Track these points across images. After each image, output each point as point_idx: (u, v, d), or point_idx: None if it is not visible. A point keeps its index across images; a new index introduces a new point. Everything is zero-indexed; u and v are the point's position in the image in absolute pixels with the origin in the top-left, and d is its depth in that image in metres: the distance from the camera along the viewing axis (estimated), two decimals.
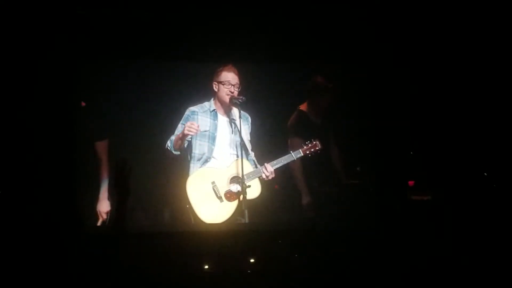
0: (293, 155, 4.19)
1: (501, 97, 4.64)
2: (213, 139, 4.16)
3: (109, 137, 4.44)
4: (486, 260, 3.69)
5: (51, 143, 4.23)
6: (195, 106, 4.20)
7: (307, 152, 4.21)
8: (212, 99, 4.23)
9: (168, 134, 4.19)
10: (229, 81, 4.11)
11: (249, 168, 4.11)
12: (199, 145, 4.14)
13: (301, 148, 4.22)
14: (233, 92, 4.09)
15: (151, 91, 4.61)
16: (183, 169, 4.17)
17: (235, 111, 4.14)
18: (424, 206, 4.58)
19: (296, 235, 4.20)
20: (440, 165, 4.71)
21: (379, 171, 4.72)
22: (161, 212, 4.60)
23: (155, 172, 4.45)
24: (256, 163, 4.19)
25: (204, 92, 4.27)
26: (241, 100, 4.04)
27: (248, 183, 3.98)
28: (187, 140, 4.10)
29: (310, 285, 3.61)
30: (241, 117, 4.04)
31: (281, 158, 4.17)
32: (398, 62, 4.68)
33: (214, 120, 4.19)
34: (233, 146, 4.19)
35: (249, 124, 4.31)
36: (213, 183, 4.06)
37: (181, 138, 4.03)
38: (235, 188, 4.06)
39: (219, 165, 4.14)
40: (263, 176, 4.10)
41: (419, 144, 4.82)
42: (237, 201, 4.05)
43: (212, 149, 4.15)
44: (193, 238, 4.02)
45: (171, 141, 4.13)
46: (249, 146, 4.22)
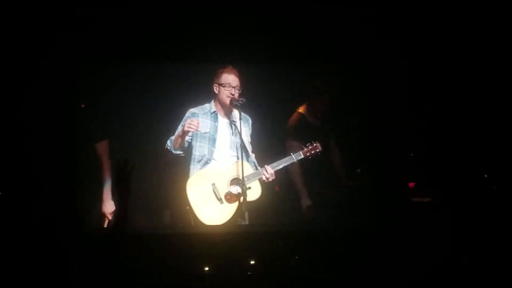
0: (294, 157, 4.18)
1: (501, 98, 4.64)
2: (213, 141, 4.15)
3: (109, 138, 4.43)
4: (486, 261, 3.69)
5: (51, 144, 4.22)
6: (196, 107, 4.20)
7: (308, 154, 4.20)
8: (212, 101, 4.22)
9: (168, 135, 4.18)
10: (229, 83, 4.10)
11: (249, 170, 4.10)
12: (199, 147, 4.13)
13: (301, 150, 4.21)
14: (233, 94, 4.08)
15: (151, 92, 4.59)
16: (183, 170, 4.16)
17: (236, 113, 4.13)
18: (424, 207, 4.58)
19: (296, 237, 4.20)
20: (440, 167, 4.71)
21: (379, 172, 4.71)
22: (161, 213, 4.58)
23: (155, 173, 4.43)
24: (256, 165, 4.18)
25: (204, 93, 4.25)
26: (241, 102, 4.04)
27: (248, 185, 3.98)
28: (187, 141, 4.09)
29: (310, 287, 3.60)
30: (241, 119, 4.04)
31: (281, 160, 4.16)
32: (398, 62, 4.67)
33: (214, 122, 4.18)
34: (234, 148, 4.18)
35: (250, 126, 4.30)
36: (213, 184, 4.05)
37: (181, 136, 4.03)
38: (235, 190, 4.05)
39: (219, 167, 4.13)
40: (264, 178, 4.10)
41: (419, 146, 4.81)
42: (237, 203, 4.04)
43: (212, 151, 4.14)
44: (193, 239, 4.02)
45: (171, 140, 4.13)
46: (249, 148, 4.21)
